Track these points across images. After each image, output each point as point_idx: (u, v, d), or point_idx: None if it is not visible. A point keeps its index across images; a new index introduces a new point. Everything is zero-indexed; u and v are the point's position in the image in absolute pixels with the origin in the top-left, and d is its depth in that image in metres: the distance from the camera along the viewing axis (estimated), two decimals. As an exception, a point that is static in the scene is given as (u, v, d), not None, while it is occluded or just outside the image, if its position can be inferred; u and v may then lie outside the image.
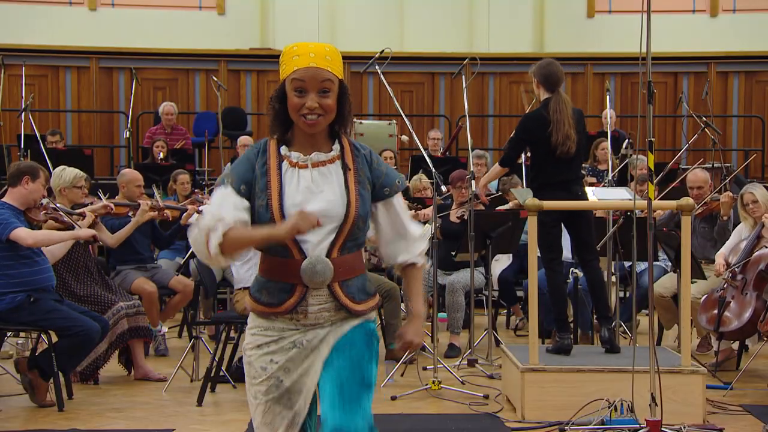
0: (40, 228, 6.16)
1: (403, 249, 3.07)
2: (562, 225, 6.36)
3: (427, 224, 6.82)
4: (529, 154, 10.91)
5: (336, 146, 2.97)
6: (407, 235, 3.07)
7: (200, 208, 8.01)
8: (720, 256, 7.10)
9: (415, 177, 9.45)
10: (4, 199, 5.96)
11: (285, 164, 2.93)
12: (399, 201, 3.07)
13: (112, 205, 6.95)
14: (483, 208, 7.38)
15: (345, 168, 2.94)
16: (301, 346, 2.95)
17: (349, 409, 2.86)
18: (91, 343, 5.96)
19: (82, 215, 6.58)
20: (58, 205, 6.42)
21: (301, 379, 2.95)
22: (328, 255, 2.90)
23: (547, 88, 6.21)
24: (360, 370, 2.93)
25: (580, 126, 6.22)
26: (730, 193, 7.67)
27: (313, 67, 2.87)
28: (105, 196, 7.27)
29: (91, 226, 6.80)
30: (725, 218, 7.51)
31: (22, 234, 5.72)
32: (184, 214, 7.86)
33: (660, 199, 7.48)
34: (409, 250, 3.07)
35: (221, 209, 2.88)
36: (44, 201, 6.13)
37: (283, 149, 2.95)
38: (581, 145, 6.23)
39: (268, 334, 2.97)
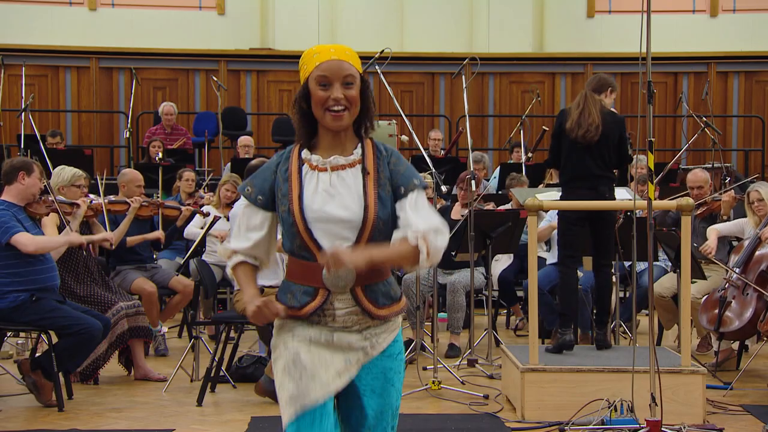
0: (40, 221, 6.16)
1: (402, 233, 2.90)
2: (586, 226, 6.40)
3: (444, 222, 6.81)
4: (530, 154, 11.14)
5: (357, 150, 2.98)
6: (409, 225, 2.89)
7: (203, 209, 8.04)
8: (713, 230, 7.13)
9: (420, 174, 9.41)
10: (2, 197, 5.95)
11: (305, 167, 2.95)
12: (413, 198, 2.95)
13: (112, 240, 6.90)
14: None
15: (364, 172, 2.94)
16: (330, 340, 2.93)
17: None
18: (92, 341, 5.94)
19: (77, 205, 6.56)
20: (59, 197, 6.42)
21: (317, 368, 2.90)
22: None
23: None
24: (389, 414, 3.05)
25: (614, 126, 6.27)
26: (732, 193, 7.67)
27: (336, 60, 2.91)
28: (102, 194, 7.28)
29: (88, 223, 6.82)
30: (725, 218, 7.51)
31: (23, 240, 5.71)
32: (180, 216, 7.87)
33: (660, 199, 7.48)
34: (407, 231, 2.88)
35: (239, 238, 3.03)
36: (43, 195, 6.13)
37: (305, 153, 2.97)
38: (609, 141, 6.25)
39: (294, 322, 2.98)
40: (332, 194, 2.89)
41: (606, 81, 6.43)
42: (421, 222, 2.88)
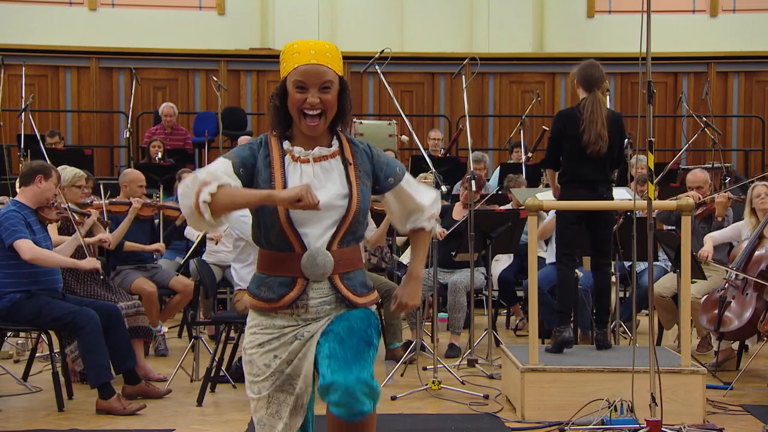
0: (47, 226, 6.15)
1: (415, 218, 3.16)
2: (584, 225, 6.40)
3: (437, 189, 6.79)
4: (530, 154, 11.15)
5: (335, 142, 3.02)
6: (419, 208, 3.14)
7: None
8: (709, 239, 7.14)
9: (421, 175, 9.43)
10: (17, 198, 5.98)
11: (287, 158, 2.98)
12: (406, 183, 3.11)
13: (109, 239, 6.90)
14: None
15: (345, 162, 2.97)
16: (302, 338, 2.98)
17: (349, 362, 2.83)
18: (91, 327, 5.75)
19: (87, 214, 6.58)
20: (69, 205, 6.42)
21: (299, 363, 2.97)
22: (329, 248, 2.93)
23: (585, 88, 6.31)
24: (360, 330, 2.93)
25: (615, 129, 6.24)
26: (729, 194, 7.66)
27: (314, 64, 2.91)
28: (106, 195, 7.28)
29: (91, 227, 6.82)
30: (720, 219, 7.51)
31: (24, 246, 5.71)
32: (180, 216, 7.87)
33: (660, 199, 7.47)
34: (420, 218, 3.15)
35: (218, 171, 2.86)
36: (56, 201, 6.13)
37: (286, 144, 3.00)
38: (614, 148, 6.24)
39: (268, 332, 2.98)
40: (317, 186, 2.93)
41: (600, 76, 6.32)
42: (425, 200, 3.14)
